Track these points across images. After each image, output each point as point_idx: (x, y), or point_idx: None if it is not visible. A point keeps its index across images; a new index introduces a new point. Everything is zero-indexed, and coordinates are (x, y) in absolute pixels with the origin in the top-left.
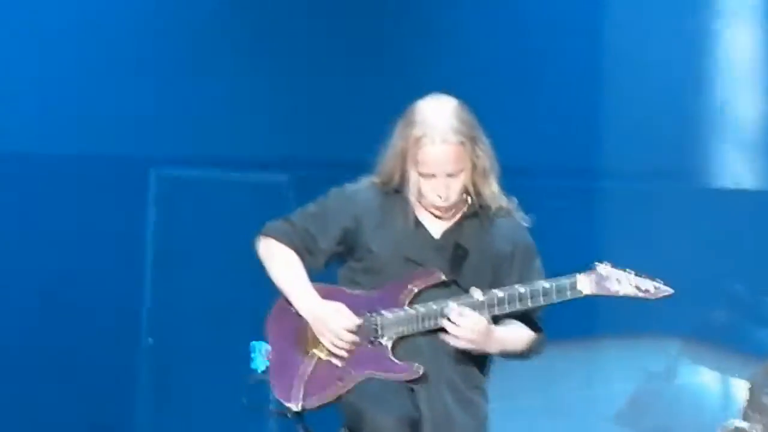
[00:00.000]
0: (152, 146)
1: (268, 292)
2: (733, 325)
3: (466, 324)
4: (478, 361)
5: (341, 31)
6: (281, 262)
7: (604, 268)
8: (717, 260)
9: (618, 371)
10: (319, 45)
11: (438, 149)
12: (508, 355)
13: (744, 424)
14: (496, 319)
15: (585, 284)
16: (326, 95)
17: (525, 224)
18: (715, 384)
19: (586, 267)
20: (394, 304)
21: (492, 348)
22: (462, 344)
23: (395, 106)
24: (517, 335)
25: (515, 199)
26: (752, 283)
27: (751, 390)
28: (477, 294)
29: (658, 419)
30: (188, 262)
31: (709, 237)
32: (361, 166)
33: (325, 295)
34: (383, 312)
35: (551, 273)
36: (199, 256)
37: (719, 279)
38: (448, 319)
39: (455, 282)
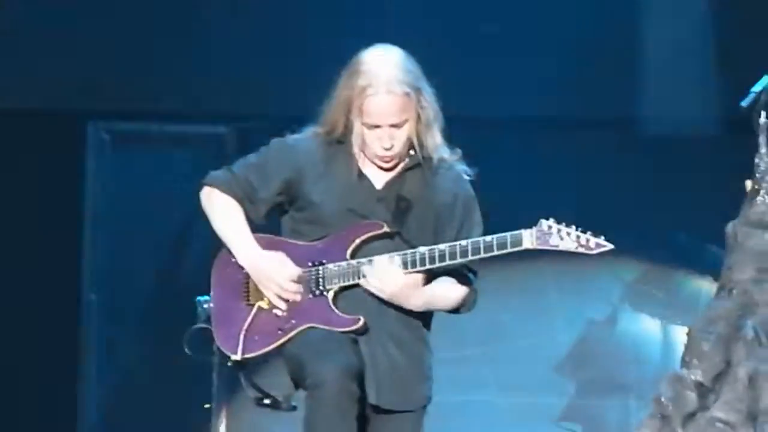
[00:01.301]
0: (90, 101)
1: (212, 245)
2: (675, 273)
3: (387, 278)
4: (421, 312)
5: None
6: (222, 212)
7: (547, 224)
8: (660, 209)
9: (561, 321)
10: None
11: (383, 99)
12: (436, 309)
13: (683, 372)
14: (434, 273)
15: (527, 239)
16: (268, 48)
17: (467, 176)
18: (656, 332)
19: (532, 223)
20: (337, 255)
21: (415, 303)
22: (384, 296)
23: (338, 57)
24: (447, 292)
25: (459, 151)
26: (695, 231)
27: (690, 336)
28: (421, 249)
29: (600, 367)
30: (128, 216)
31: (652, 186)
32: (303, 119)
33: (268, 246)
34: (326, 263)
35: (493, 223)
36: (139, 210)
37: (662, 228)
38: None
39: (399, 234)
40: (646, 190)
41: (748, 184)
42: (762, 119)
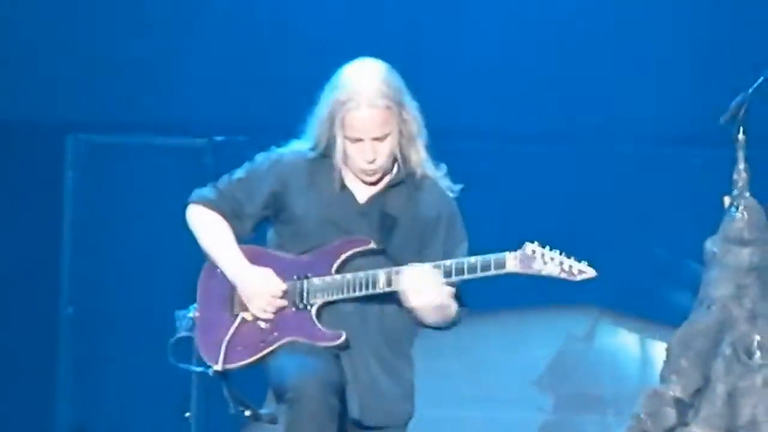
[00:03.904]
0: (69, 112)
1: (190, 257)
2: (654, 289)
3: (430, 285)
4: (404, 329)
5: None
6: (209, 229)
7: (531, 248)
8: (638, 223)
9: (539, 336)
10: (241, 14)
11: (364, 113)
12: (436, 326)
13: (662, 387)
14: None
15: (511, 262)
16: (246, 61)
17: (451, 193)
18: (634, 347)
19: (516, 246)
20: (322, 269)
21: (436, 317)
22: (420, 302)
23: (314, 72)
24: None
25: (444, 167)
26: (673, 245)
27: (669, 352)
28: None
29: (578, 382)
30: (107, 229)
31: (629, 200)
32: (282, 132)
33: (254, 258)
34: (311, 277)
35: (474, 239)
36: (117, 223)
37: (640, 243)
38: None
39: (383, 250)
40: (624, 205)
41: (726, 200)
42: (740, 135)
